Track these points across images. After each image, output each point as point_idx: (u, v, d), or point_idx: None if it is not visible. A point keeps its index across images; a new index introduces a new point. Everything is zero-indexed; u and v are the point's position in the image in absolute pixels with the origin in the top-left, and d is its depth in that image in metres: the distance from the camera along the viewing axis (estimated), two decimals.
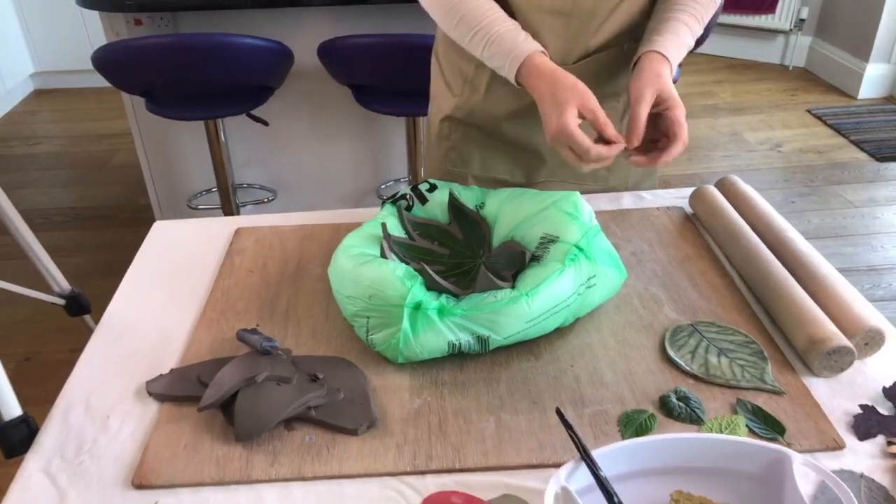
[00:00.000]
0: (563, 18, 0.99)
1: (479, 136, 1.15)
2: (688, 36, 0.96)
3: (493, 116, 1.12)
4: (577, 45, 1.02)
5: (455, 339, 0.81)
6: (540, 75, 0.92)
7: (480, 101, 1.11)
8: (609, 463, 0.65)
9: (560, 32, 1.00)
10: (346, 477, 0.71)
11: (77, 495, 0.70)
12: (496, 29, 0.95)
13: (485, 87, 1.09)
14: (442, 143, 1.18)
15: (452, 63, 1.13)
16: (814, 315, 0.83)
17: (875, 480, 0.69)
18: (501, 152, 1.15)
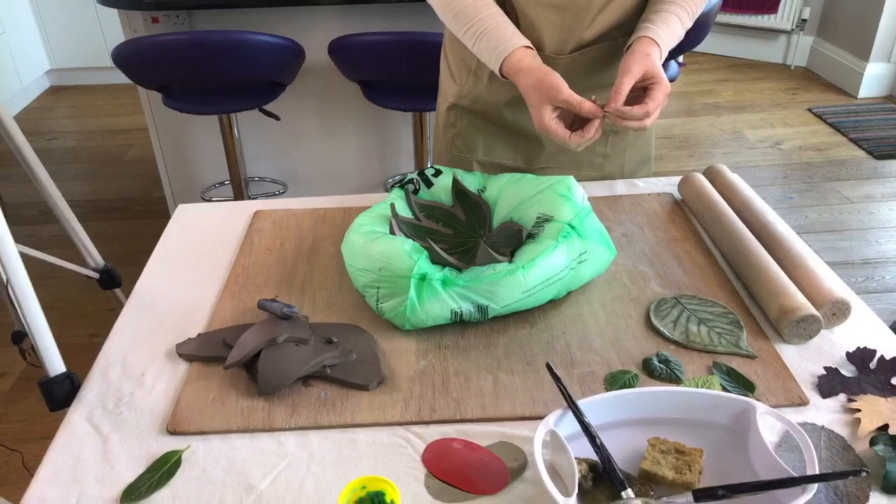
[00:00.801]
0: (559, 11, 1.07)
1: (482, 124, 1.23)
2: (678, 27, 1.04)
3: (494, 104, 1.19)
4: (572, 37, 1.10)
5: (457, 308, 0.89)
6: (519, 72, 1.00)
7: (483, 90, 1.19)
8: (593, 412, 0.73)
9: (556, 24, 1.08)
10: (359, 426, 0.79)
11: (118, 440, 0.78)
12: (487, 24, 1.03)
13: (487, 76, 1.17)
14: (448, 131, 1.26)
15: (457, 54, 1.20)
16: (786, 288, 0.91)
17: (834, 432, 0.76)
18: (503, 139, 1.23)
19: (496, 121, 1.22)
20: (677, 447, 0.72)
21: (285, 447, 0.77)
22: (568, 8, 1.06)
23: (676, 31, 1.04)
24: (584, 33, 1.09)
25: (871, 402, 0.79)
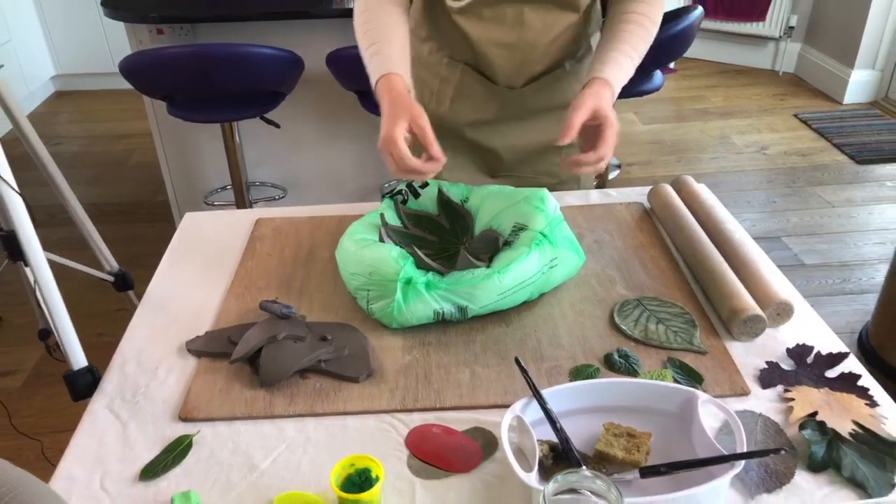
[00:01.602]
0: (510, 49, 1.17)
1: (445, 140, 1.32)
2: (629, 66, 1.10)
3: (456, 124, 1.29)
4: (524, 70, 1.20)
5: (439, 308, 0.99)
6: (387, 91, 1.04)
7: (445, 111, 1.28)
8: (556, 401, 0.83)
9: (508, 60, 1.19)
10: (349, 413, 0.89)
11: (136, 426, 0.88)
12: (384, 48, 1.08)
13: (449, 100, 1.27)
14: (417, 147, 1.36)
15: (420, 78, 1.28)
16: (736, 290, 1.00)
17: (770, 418, 0.86)
18: (465, 153, 1.32)
19: (458, 139, 1.30)
20: (629, 431, 0.81)
21: (284, 432, 0.87)
22: (517, 47, 1.17)
23: (627, 70, 1.10)
24: (535, 67, 1.20)
25: (804, 392, 0.89)
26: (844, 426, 0.83)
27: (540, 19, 1.14)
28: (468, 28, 1.16)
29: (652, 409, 0.84)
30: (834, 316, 2.44)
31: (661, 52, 2.39)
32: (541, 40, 1.17)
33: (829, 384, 0.90)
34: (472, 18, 1.16)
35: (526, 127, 1.29)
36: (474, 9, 1.14)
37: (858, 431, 0.82)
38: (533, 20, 1.14)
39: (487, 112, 1.26)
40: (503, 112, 1.26)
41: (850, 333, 2.36)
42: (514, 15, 1.14)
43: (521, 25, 1.15)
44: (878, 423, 0.84)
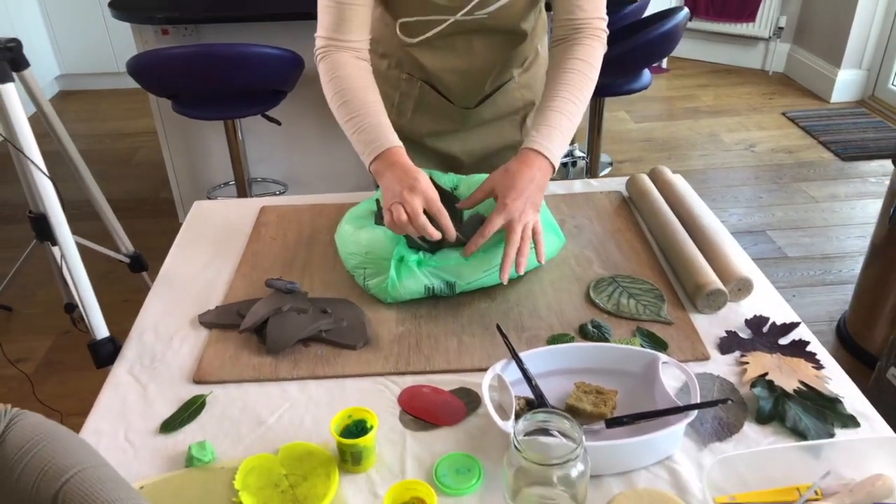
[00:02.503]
0: (462, 75, 1.27)
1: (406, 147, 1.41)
2: (566, 122, 1.10)
3: (417, 134, 1.38)
4: (475, 92, 1.31)
5: (430, 284, 1.09)
6: (393, 165, 1.06)
7: (406, 122, 1.36)
8: (532, 363, 0.92)
9: (460, 84, 1.29)
10: (348, 376, 0.98)
11: (154, 388, 0.98)
12: (368, 120, 1.10)
13: (410, 112, 1.35)
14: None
15: (380, 90, 1.35)
16: (701, 268, 1.10)
17: (726, 379, 0.96)
18: (428, 159, 1.41)
19: (419, 146, 1.39)
20: (597, 389, 0.91)
21: (288, 392, 0.96)
22: (468, 72, 1.26)
23: (563, 127, 1.10)
24: (485, 88, 1.30)
25: (758, 357, 0.98)
26: (791, 384, 0.92)
27: (489, 47, 1.23)
28: (421, 57, 1.25)
29: (619, 370, 0.94)
30: (814, 306, 2.54)
31: (647, 51, 2.49)
32: (491, 64, 1.26)
33: (782, 350, 1.00)
34: (425, 49, 1.23)
35: (482, 132, 1.39)
36: (425, 42, 1.22)
37: (803, 389, 0.92)
38: (482, 48, 1.23)
39: (446, 125, 1.36)
40: (462, 124, 1.36)
41: (829, 322, 2.46)
42: (464, 44, 1.22)
43: (471, 53, 1.24)
44: (823, 382, 0.94)
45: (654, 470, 0.83)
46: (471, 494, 0.81)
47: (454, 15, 1.16)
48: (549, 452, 0.71)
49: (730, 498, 0.78)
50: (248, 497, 0.80)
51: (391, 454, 0.87)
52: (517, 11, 1.18)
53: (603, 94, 2.66)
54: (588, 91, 1.15)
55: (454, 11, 1.16)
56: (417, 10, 1.17)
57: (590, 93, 1.16)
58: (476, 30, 1.20)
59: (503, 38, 1.24)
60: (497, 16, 1.17)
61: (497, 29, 1.20)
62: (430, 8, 1.16)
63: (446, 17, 1.16)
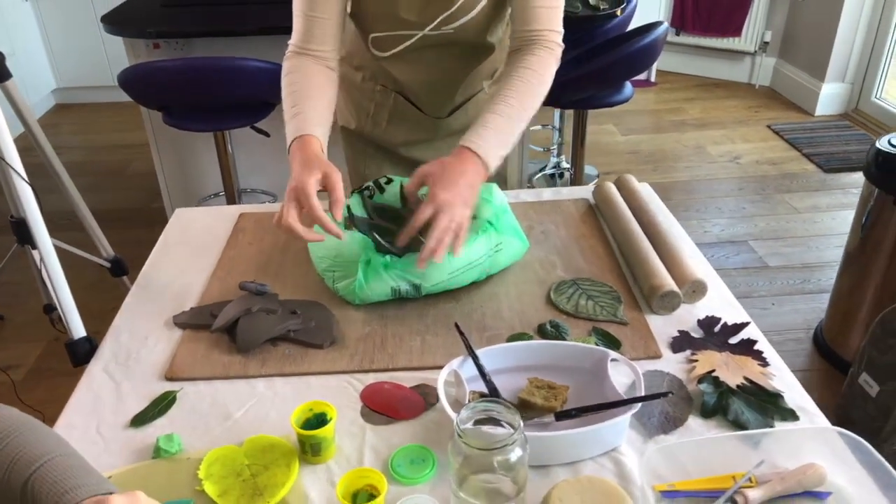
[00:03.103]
0: (432, 86, 1.33)
1: (382, 157, 1.47)
2: (503, 123, 1.13)
3: (391, 144, 1.44)
4: (445, 103, 1.36)
5: (396, 286, 1.13)
6: (300, 150, 1.07)
7: (381, 133, 1.42)
8: (488, 359, 0.96)
9: (431, 95, 1.35)
10: (313, 374, 1.02)
11: (128, 384, 1.02)
12: (301, 110, 1.13)
13: (385, 122, 1.41)
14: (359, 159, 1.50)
15: (356, 102, 1.39)
16: (657, 270, 1.14)
17: (676, 376, 1.00)
18: (402, 169, 1.46)
19: (394, 156, 1.45)
20: (549, 384, 0.95)
21: (256, 388, 1.00)
22: (438, 84, 1.32)
23: (501, 129, 1.12)
24: (456, 98, 1.36)
25: (708, 356, 1.02)
26: (736, 380, 0.96)
27: (457, 60, 1.29)
28: (392, 70, 1.30)
29: (571, 367, 0.98)
30: (793, 314, 2.58)
31: (628, 64, 2.55)
32: (461, 75, 1.32)
33: (731, 349, 1.04)
34: (396, 61, 1.29)
35: (454, 142, 1.41)
36: (397, 54, 1.27)
37: (746, 384, 0.96)
38: (451, 61, 1.29)
39: (419, 134, 1.42)
40: (434, 133, 1.42)
41: (807, 330, 2.50)
42: (433, 57, 1.27)
43: (441, 66, 1.29)
44: (767, 379, 0.98)
45: (601, 460, 0.87)
46: (424, 483, 0.85)
47: (422, 30, 1.21)
48: (492, 440, 0.74)
49: (669, 486, 0.82)
50: (210, 485, 0.84)
51: (350, 446, 0.91)
52: (482, 25, 1.23)
53: (585, 106, 2.72)
54: (533, 99, 1.17)
55: (422, 27, 1.21)
56: (387, 26, 1.23)
57: (535, 101, 1.17)
58: (444, 43, 1.25)
59: (471, 51, 1.29)
60: (463, 30, 1.22)
61: (464, 42, 1.26)
62: (398, 24, 1.21)
63: (415, 31, 1.22)
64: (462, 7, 1.18)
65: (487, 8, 1.20)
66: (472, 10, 1.19)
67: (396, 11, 1.20)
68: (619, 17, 2.66)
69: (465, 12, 1.19)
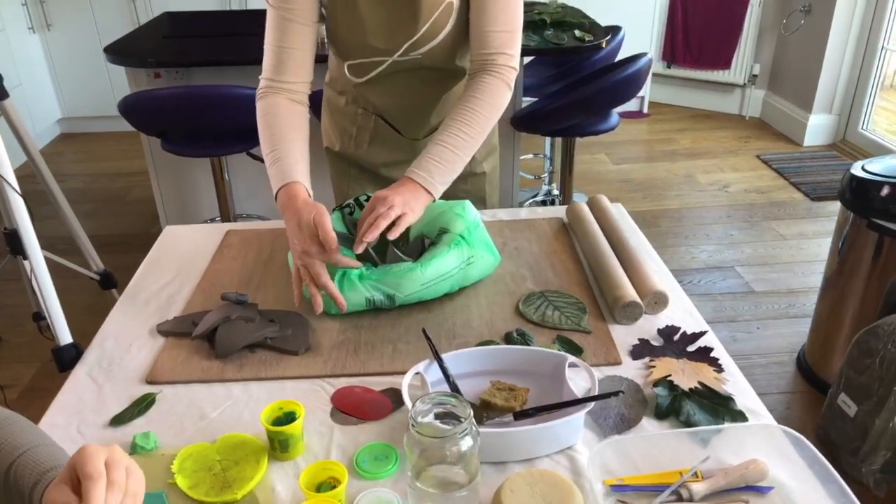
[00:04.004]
0: (407, 109, 1.40)
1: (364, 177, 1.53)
2: (448, 153, 1.20)
3: (373, 164, 1.51)
4: (422, 125, 1.43)
5: (371, 296, 1.18)
6: (290, 200, 1.14)
7: (363, 153, 1.49)
8: (453, 364, 1.01)
9: (407, 118, 1.42)
10: (288, 378, 1.07)
11: (110, 387, 1.06)
12: (281, 155, 1.19)
13: (366, 144, 1.48)
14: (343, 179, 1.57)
15: (339, 125, 1.48)
16: (621, 282, 1.19)
17: (633, 381, 1.04)
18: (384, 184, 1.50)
19: (375, 176, 1.52)
20: (510, 387, 0.99)
21: (232, 391, 1.05)
22: (412, 107, 1.40)
23: (447, 158, 1.20)
24: (431, 121, 1.42)
25: (665, 362, 1.07)
26: (690, 385, 1.01)
27: (429, 84, 1.37)
28: (369, 94, 1.39)
29: (532, 371, 1.02)
30: (777, 338, 2.62)
31: (612, 93, 2.62)
32: (433, 99, 1.39)
33: (689, 356, 1.08)
34: (372, 87, 1.37)
35: None
36: (371, 81, 1.35)
37: (700, 388, 1.00)
38: (422, 85, 1.36)
39: (399, 155, 1.48)
40: (412, 155, 1.47)
41: (790, 353, 2.53)
42: (406, 82, 1.35)
43: (414, 90, 1.37)
44: (720, 384, 1.02)
45: (556, 458, 0.91)
46: (386, 478, 0.89)
47: (391, 56, 1.28)
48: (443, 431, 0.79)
49: (618, 480, 0.86)
50: (182, 479, 0.88)
51: (318, 444, 0.95)
52: (449, 51, 1.31)
53: (573, 133, 2.79)
54: (479, 126, 1.23)
55: (391, 53, 1.28)
56: (359, 53, 1.30)
57: (482, 128, 1.23)
58: (416, 68, 1.32)
59: (441, 75, 1.36)
60: (431, 56, 1.29)
61: (434, 67, 1.33)
62: (369, 51, 1.29)
63: (384, 58, 1.29)
64: (426, 34, 1.26)
65: (452, 34, 1.28)
66: (435, 37, 1.26)
67: (365, 39, 1.27)
68: (604, 48, 2.75)
69: (429, 39, 1.26)
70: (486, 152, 1.54)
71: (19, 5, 4.29)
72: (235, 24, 3.32)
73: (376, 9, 1.25)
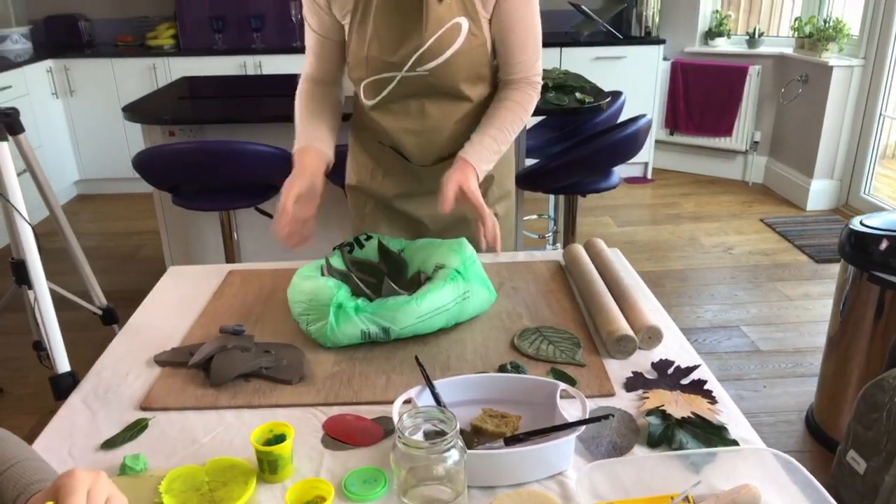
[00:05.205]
0: (417, 135, 1.46)
1: (381, 210, 1.59)
2: (493, 144, 1.37)
3: (387, 196, 1.57)
4: (431, 152, 1.48)
5: (366, 329, 1.19)
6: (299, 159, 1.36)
7: (377, 185, 1.57)
8: (445, 392, 1.01)
9: (417, 144, 1.47)
10: (281, 406, 1.07)
11: (104, 414, 1.07)
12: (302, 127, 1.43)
13: (381, 176, 1.56)
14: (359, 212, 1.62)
15: (360, 161, 1.58)
16: (615, 317, 1.20)
17: (627, 412, 1.03)
18: (398, 223, 1.59)
19: (390, 210, 1.58)
20: (502, 414, 0.99)
21: (224, 418, 1.05)
22: (422, 133, 1.46)
23: (488, 147, 1.37)
24: (441, 149, 1.47)
25: (659, 394, 1.06)
26: (683, 414, 1.00)
27: (439, 109, 1.43)
28: (381, 119, 1.46)
29: (524, 400, 1.02)
30: (785, 396, 2.58)
31: (612, 152, 2.68)
32: (442, 126, 1.45)
33: (682, 388, 1.08)
34: (384, 112, 1.45)
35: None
36: (384, 104, 1.44)
37: (692, 417, 0.99)
38: (433, 111, 1.43)
39: (410, 185, 1.53)
40: (424, 186, 1.53)
41: (798, 412, 2.49)
42: (416, 107, 1.43)
43: (424, 115, 1.43)
44: (714, 414, 1.01)
45: (546, 483, 0.90)
46: (374, 501, 0.88)
47: (400, 70, 1.37)
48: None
49: None
50: (169, 499, 0.88)
51: (307, 467, 0.94)
52: (455, 73, 1.38)
53: (574, 191, 2.84)
54: (517, 125, 1.41)
55: (400, 67, 1.37)
56: (372, 70, 1.40)
57: (518, 128, 1.42)
58: (424, 92, 1.40)
59: (452, 103, 1.43)
60: (438, 74, 1.37)
61: (441, 90, 1.40)
62: (381, 65, 1.38)
63: (394, 73, 1.38)
64: (433, 48, 1.34)
65: (460, 57, 1.36)
66: (442, 53, 1.35)
67: (377, 53, 1.37)
68: (604, 110, 2.83)
69: (435, 55, 1.35)
70: (500, 195, 1.60)
71: (44, 72, 4.48)
72: (250, 86, 3.44)
73: (386, 22, 1.35)
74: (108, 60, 4.56)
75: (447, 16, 1.33)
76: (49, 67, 4.50)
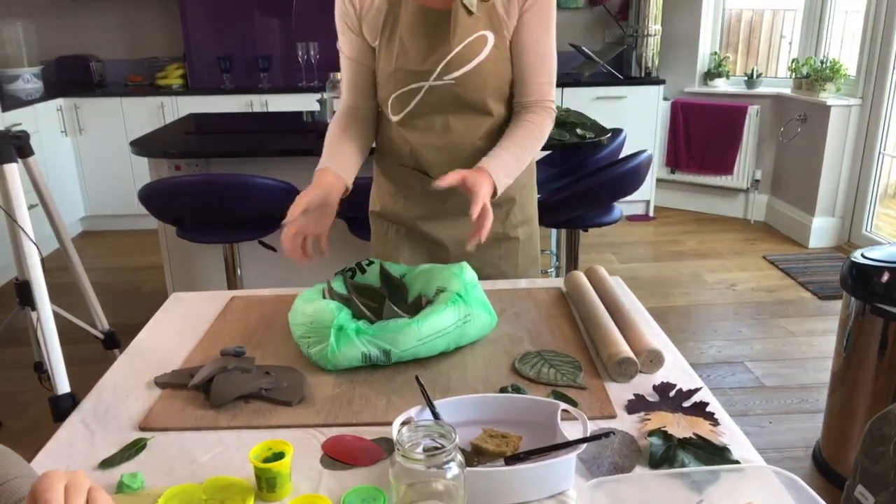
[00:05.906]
0: (441, 150, 1.49)
1: (403, 234, 1.61)
2: (511, 159, 1.41)
3: (410, 219, 1.59)
4: (454, 166, 1.46)
5: (367, 351, 1.19)
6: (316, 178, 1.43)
7: (401, 208, 1.60)
8: (446, 412, 1.00)
9: (441, 160, 1.50)
10: (281, 427, 1.07)
11: (102, 434, 1.06)
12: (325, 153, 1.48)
13: (403, 199, 1.59)
14: (381, 238, 1.63)
15: (384, 188, 1.62)
16: (616, 340, 1.20)
17: (628, 433, 1.03)
18: (418, 242, 1.60)
19: (413, 232, 1.61)
20: (503, 434, 0.98)
21: (224, 439, 1.04)
22: (447, 148, 1.49)
23: (507, 161, 1.40)
24: (464, 165, 1.48)
25: (660, 415, 1.06)
26: (685, 435, 0.99)
27: (463, 124, 1.46)
28: (406, 135, 1.49)
29: (525, 421, 1.02)
30: (791, 432, 2.55)
31: (613, 186, 2.71)
32: (466, 142, 1.47)
33: (684, 411, 1.07)
34: (409, 128, 1.49)
35: (467, 222, 1.55)
36: (409, 120, 1.48)
37: (694, 438, 0.98)
38: (457, 126, 1.46)
39: (432, 207, 1.56)
40: (446, 206, 1.55)
41: (805, 448, 2.45)
42: (441, 122, 1.47)
43: (448, 130, 1.47)
44: (716, 436, 1.00)
45: (547, 502, 0.89)
46: None
47: (428, 80, 1.41)
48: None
49: None
50: None
51: (306, 486, 0.93)
52: (482, 84, 1.42)
53: (576, 225, 2.85)
54: (534, 144, 1.46)
55: (427, 76, 1.41)
56: (401, 82, 1.43)
57: (535, 147, 1.47)
58: (450, 106, 1.44)
59: (476, 118, 1.46)
60: (464, 83, 1.41)
61: (467, 102, 1.44)
62: (409, 76, 1.42)
63: (422, 83, 1.41)
64: (459, 56, 1.39)
65: (486, 67, 1.41)
66: (469, 62, 1.39)
67: (405, 65, 1.41)
68: (605, 145, 2.86)
69: (462, 63, 1.39)
70: (522, 220, 1.63)
71: (55, 110, 4.56)
72: (255, 122, 3.50)
73: (413, 34, 1.40)
74: (118, 99, 4.64)
75: (474, 28, 1.39)
76: (59, 106, 4.58)
